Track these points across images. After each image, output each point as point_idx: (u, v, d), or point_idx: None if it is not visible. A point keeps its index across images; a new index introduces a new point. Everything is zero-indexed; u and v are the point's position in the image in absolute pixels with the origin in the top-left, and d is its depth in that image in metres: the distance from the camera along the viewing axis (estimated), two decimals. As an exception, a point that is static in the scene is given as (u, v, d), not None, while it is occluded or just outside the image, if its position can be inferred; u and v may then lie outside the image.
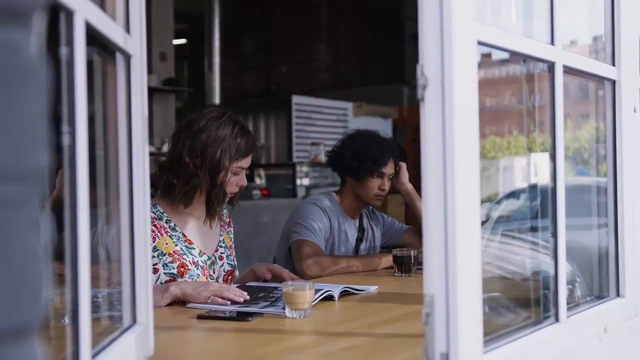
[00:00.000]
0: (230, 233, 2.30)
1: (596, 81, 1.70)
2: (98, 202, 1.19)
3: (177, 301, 1.91)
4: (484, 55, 1.31)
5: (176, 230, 2.09)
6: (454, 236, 1.02)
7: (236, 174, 2.11)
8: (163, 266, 2.02)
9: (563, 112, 1.38)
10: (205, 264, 2.12)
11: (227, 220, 2.31)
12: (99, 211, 1.22)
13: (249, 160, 2.14)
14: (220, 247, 2.22)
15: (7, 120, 0.51)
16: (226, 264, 2.21)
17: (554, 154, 1.37)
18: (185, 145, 2.05)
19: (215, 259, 2.18)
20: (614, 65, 1.64)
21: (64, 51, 0.88)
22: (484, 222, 1.87)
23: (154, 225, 2.03)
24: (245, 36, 9.64)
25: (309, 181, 6.98)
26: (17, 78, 0.51)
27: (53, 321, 1.22)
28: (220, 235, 2.23)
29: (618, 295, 1.64)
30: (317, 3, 9.12)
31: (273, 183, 7.06)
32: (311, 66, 9.22)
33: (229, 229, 2.29)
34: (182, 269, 2.04)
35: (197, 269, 2.08)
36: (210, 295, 1.85)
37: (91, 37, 0.99)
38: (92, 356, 0.94)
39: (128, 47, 1.18)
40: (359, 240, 2.82)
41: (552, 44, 1.36)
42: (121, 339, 1.11)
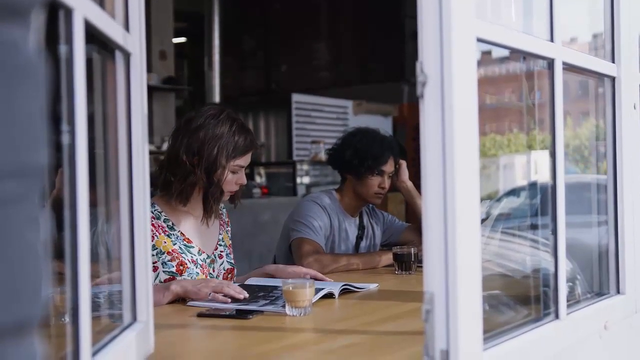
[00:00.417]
0: (229, 232, 2.30)
1: (596, 78, 1.70)
2: (98, 201, 1.19)
3: (178, 299, 1.91)
4: (484, 53, 1.31)
5: (174, 229, 2.09)
6: (454, 233, 1.02)
7: (234, 172, 2.09)
8: (162, 265, 2.02)
9: (563, 110, 1.38)
10: (205, 263, 2.12)
11: (226, 219, 2.31)
12: (99, 210, 1.22)
13: (247, 159, 2.11)
14: (220, 246, 2.21)
15: (7, 118, 0.51)
16: (226, 262, 2.21)
17: (553, 151, 1.37)
18: (183, 143, 2.04)
19: (214, 258, 2.17)
20: (613, 62, 1.64)
21: (63, 49, 0.88)
22: (484, 220, 1.87)
23: (152, 225, 2.03)
24: (245, 35, 9.63)
25: (309, 179, 6.99)
26: (16, 76, 0.51)
27: (53, 319, 1.23)
28: (220, 234, 2.23)
29: (618, 292, 1.65)
30: (317, 1, 9.12)
31: (273, 181, 7.06)
32: (311, 64, 9.22)
33: (227, 228, 2.29)
34: (182, 268, 2.04)
35: (197, 268, 2.08)
36: (211, 292, 1.85)
37: (90, 35, 0.99)
38: (93, 354, 0.94)
39: (127, 46, 1.18)
40: (359, 238, 2.82)
41: (552, 41, 1.36)
42: (121, 337, 1.11)
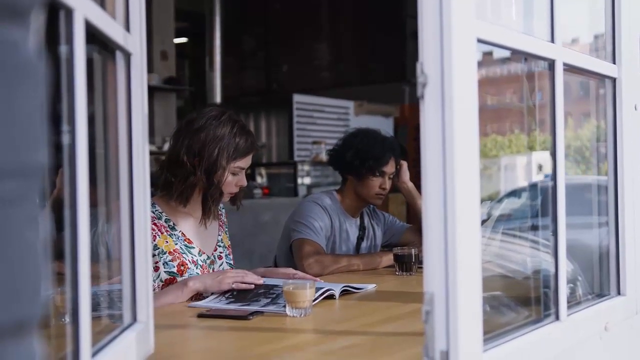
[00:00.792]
0: (227, 233, 2.30)
1: (597, 79, 1.70)
2: (98, 201, 1.19)
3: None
4: (485, 54, 1.31)
5: (175, 230, 2.09)
6: (454, 234, 1.02)
7: (235, 174, 2.09)
8: (163, 264, 2.03)
9: (564, 111, 1.38)
10: (205, 263, 2.12)
11: (225, 220, 2.31)
12: (100, 210, 1.22)
13: (248, 161, 2.11)
14: (219, 247, 2.22)
15: (6, 117, 0.51)
16: (225, 263, 2.21)
17: (554, 152, 1.36)
18: (184, 143, 2.05)
19: (214, 259, 2.18)
20: (614, 63, 1.64)
21: (63, 49, 0.89)
22: (485, 221, 1.87)
23: (154, 224, 2.03)
24: (246, 35, 9.63)
25: (310, 180, 6.98)
26: (16, 75, 0.51)
27: (54, 320, 1.23)
28: (219, 235, 2.23)
29: (619, 293, 1.64)
30: (318, 1, 9.12)
31: (274, 182, 7.06)
32: (312, 65, 9.22)
33: (226, 229, 2.30)
34: (182, 268, 2.04)
35: (197, 268, 2.08)
36: (233, 282, 1.89)
37: (91, 36, 0.99)
38: (93, 354, 0.94)
39: (128, 46, 1.18)
40: (360, 239, 2.82)
41: (553, 42, 1.36)
42: (121, 337, 1.11)
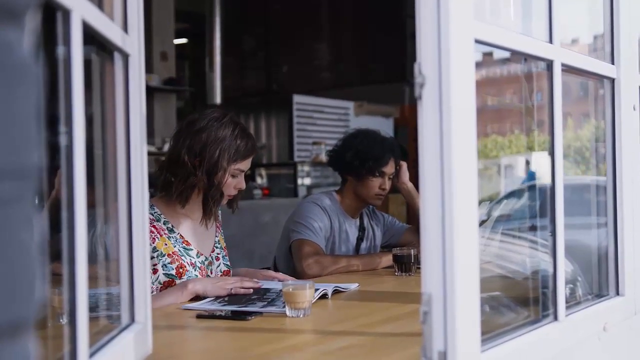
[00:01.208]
0: (222, 234, 2.31)
1: (596, 80, 1.70)
2: (97, 202, 1.19)
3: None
4: (485, 54, 1.31)
5: (174, 232, 2.10)
6: (452, 234, 1.02)
7: (234, 176, 2.11)
8: (162, 267, 2.03)
9: (563, 111, 1.38)
10: (203, 265, 2.13)
11: (221, 221, 2.32)
12: (98, 211, 1.22)
13: (248, 163, 2.14)
14: (217, 248, 2.23)
15: (1, 118, 0.51)
16: (222, 264, 2.22)
17: (552, 152, 1.36)
18: (185, 144, 2.06)
19: (212, 260, 2.18)
20: (613, 64, 1.64)
21: (61, 50, 0.89)
22: (484, 221, 1.87)
23: (153, 227, 2.04)
24: (246, 35, 9.64)
25: (310, 181, 6.99)
26: (11, 77, 0.51)
27: (52, 320, 1.22)
28: (216, 236, 2.24)
29: (617, 293, 1.64)
30: (318, 2, 9.12)
31: (274, 182, 7.06)
32: (312, 65, 9.22)
33: (221, 230, 2.30)
34: (181, 270, 2.05)
35: (195, 270, 2.09)
36: (232, 287, 1.93)
37: (89, 37, 0.99)
38: (90, 355, 0.94)
39: (126, 47, 1.18)
40: (360, 239, 2.82)
41: (551, 42, 1.36)
42: (119, 338, 1.11)
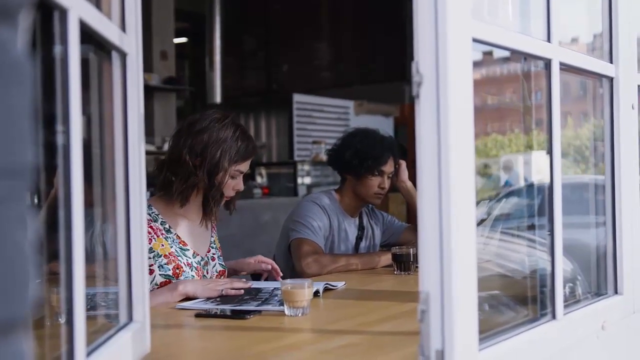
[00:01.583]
0: (216, 234, 2.31)
1: (595, 78, 1.70)
2: (95, 201, 1.19)
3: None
4: (485, 53, 1.31)
5: (171, 232, 2.10)
6: (449, 233, 1.02)
7: (234, 178, 2.12)
8: (159, 267, 2.03)
9: (563, 110, 1.38)
10: (199, 265, 2.14)
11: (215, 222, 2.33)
12: (97, 210, 1.22)
13: (247, 165, 2.15)
14: (212, 248, 2.23)
15: (-4, 117, 0.51)
16: (218, 264, 2.23)
17: (550, 151, 1.36)
18: (186, 144, 2.06)
19: (208, 260, 2.19)
20: (611, 63, 1.64)
21: (58, 50, 0.89)
22: (484, 220, 1.87)
23: (150, 227, 2.04)
24: (246, 35, 9.64)
25: (310, 180, 6.98)
26: (4, 76, 0.51)
27: (50, 319, 1.23)
28: (212, 237, 2.25)
29: (616, 292, 1.64)
30: (318, 1, 9.12)
31: (274, 182, 7.06)
32: (312, 64, 9.22)
33: (216, 231, 2.31)
34: (178, 271, 2.05)
35: (192, 271, 2.10)
36: (223, 289, 1.94)
37: (87, 36, 0.99)
38: (88, 354, 0.94)
39: (124, 46, 1.18)
40: (359, 238, 2.82)
41: (549, 41, 1.36)
42: (117, 337, 1.11)
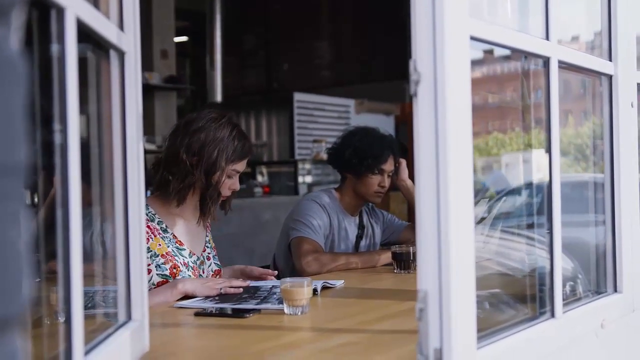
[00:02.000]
0: (210, 233, 2.32)
1: (594, 77, 1.70)
2: (93, 201, 1.19)
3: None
4: (486, 52, 1.31)
5: (167, 232, 2.10)
6: (448, 232, 1.02)
7: (230, 177, 2.12)
8: (156, 267, 2.03)
9: (562, 109, 1.38)
10: (195, 264, 2.14)
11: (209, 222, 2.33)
12: (95, 210, 1.22)
13: (244, 165, 2.16)
14: (207, 247, 2.24)
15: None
16: (213, 264, 2.24)
17: (549, 149, 1.36)
18: (183, 143, 2.06)
19: (203, 259, 2.20)
20: (610, 61, 1.64)
21: (55, 48, 0.88)
22: (483, 218, 1.87)
23: (147, 227, 2.04)
24: (247, 34, 9.64)
25: (311, 178, 6.98)
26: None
27: (49, 318, 1.23)
28: (207, 236, 2.25)
29: (615, 291, 1.64)
30: (318, 0, 9.11)
31: (275, 180, 7.05)
32: (312, 63, 9.22)
33: (210, 230, 2.31)
34: (175, 270, 2.05)
35: (188, 270, 2.10)
36: (222, 287, 1.93)
37: (85, 35, 0.99)
38: (86, 352, 0.94)
39: (122, 45, 1.18)
40: (359, 237, 2.82)
41: (547, 39, 1.36)
42: (115, 336, 1.11)
